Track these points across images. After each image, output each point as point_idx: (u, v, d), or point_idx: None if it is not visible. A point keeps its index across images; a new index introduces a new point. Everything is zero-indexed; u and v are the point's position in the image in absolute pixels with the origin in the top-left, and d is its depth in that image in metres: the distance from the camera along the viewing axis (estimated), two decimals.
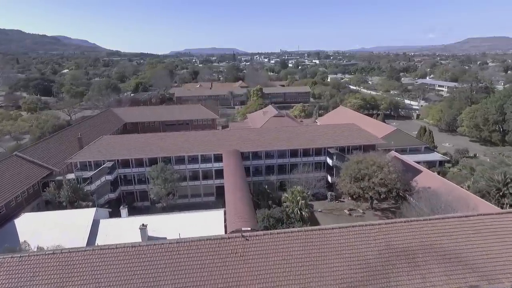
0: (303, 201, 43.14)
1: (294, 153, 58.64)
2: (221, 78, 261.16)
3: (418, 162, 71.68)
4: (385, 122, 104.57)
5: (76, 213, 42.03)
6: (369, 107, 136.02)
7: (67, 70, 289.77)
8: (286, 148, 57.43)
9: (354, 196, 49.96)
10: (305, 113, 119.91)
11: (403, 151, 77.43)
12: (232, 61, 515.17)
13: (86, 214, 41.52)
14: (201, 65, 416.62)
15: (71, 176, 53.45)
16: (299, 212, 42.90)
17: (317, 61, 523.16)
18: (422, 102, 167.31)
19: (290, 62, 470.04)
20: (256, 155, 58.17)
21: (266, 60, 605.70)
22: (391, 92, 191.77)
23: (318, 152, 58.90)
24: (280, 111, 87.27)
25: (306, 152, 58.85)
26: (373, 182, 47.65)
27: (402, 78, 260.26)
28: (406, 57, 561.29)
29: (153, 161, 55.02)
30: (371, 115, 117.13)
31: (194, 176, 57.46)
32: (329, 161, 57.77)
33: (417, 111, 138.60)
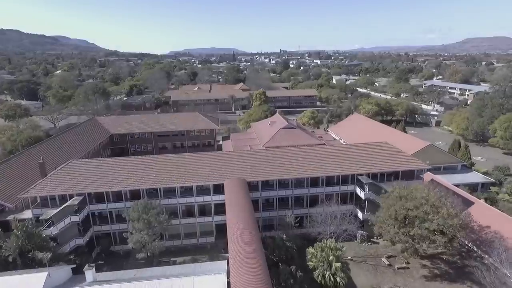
0: (338, 264, 30.84)
1: (314, 182, 46.48)
2: (221, 80, 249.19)
3: (457, 185, 60.02)
4: (405, 132, 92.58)
5: (16, 282, 29.83)
6: (383, 113, 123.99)
7: (60, 71, 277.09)
8: (305, 176, 45.24)
9: (400, 246, 37.72)
10: (315, 120, 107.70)
11: (435, 169, 65.58)
12: (232, 61, 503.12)
13: (32, 283, 29.43)
14: (200, 65, 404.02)
15: (27, 214, 41.25)
16: (331, 278, 30.72)
17: (319, 61, 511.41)
18: (437, 107, 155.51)
19: (291, 62, 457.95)
20: (266, 184, 46.03)
21: (266, 60, 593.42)
22: (402, 95, 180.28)
23: (345, 179, 46.77)
24: (290, 122, 75.06)
25: (329, 180, 46.71)
26: (426, 229, 35.51)
27: (410, 80, 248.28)
28: (409, 58, 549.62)
29: (135, 194, 42.93)
30: (386, 122, 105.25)
31: (188, 212, 45.29)
32: (360, 192, 45.59)
33: (435, 117, 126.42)
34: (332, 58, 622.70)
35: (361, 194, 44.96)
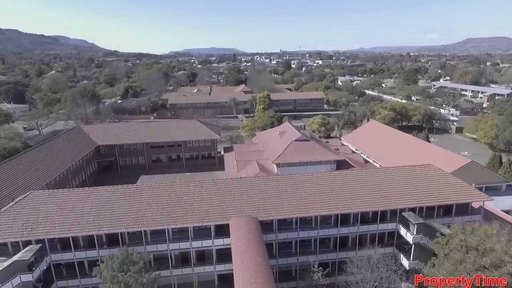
0: None
1: (344, 219, 36.27)
2: (221, 81, 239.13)
3: (507, 212, 49.99)
4: (428, 141, 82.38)
5: None
6: (399, 119, 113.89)
7: (54, 72, 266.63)
8: (336, 213, 34.96)
9: None
10: (326, 127, 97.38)
11: None
12: (232, 61, 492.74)
13: None
14: (199, 66, 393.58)
15: None
16: None
17: (320, 62, 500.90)
18: (453, 110, 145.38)
19: (292, 62, 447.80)
20: (283, 222, 35.79)
21: (267, 60, 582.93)
22: (413, 98, 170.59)
23: (383, 215, 36.56)
24: (303, 133, 64.85)
25: (363, 216, 36.48)
26: None
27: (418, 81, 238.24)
28: (411, 58, 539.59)
29: (113, 238, 32.79)
30: (403, 128, 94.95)
31: (183, 259, 35.07)
32: (405, 234, 35.32)
33: (455, 123, 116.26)
34: (334, 58, 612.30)
35: (408, 237, 34.69)
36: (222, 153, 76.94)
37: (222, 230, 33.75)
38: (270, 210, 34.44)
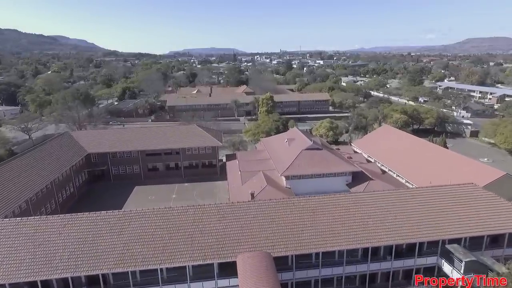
0: None
1: (374, 251, 30.14)
2: (222, 81, 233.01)
3: None
4: (446, 147, 76.33)
5: None
6: (410, 122, 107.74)
7: (50, 72, 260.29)
8: (364, 246, 28.82)
9: None
10: (334, 132, 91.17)
11: None
12: (233, 61, 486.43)
13: None
14: (199, 66, 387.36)
15: None
16: None
17: (321, 62, 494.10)
18: (463, 113, 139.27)
19: (293, 63, 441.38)
20: (301, 256, 29.64)
21: (267, 60, 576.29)
22: (420, 99, 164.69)
23: (420, 246, 30.37)
24: (315, 140, 58.61)
25: (397, 248, 30.33)
26: None
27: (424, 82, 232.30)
28: (413, 58, 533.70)
29: (93, 279, 26.67)
30: (416, 133, 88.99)
31: None
32: (449, 270, 29.18)
33: (469, 126, 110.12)
34: (335, 58, 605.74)
35: (454, 275, 28.55)
36: (224, 160, 70.91)
37: (228, 268, 27.62)
38: (286, 242, 28.29)
